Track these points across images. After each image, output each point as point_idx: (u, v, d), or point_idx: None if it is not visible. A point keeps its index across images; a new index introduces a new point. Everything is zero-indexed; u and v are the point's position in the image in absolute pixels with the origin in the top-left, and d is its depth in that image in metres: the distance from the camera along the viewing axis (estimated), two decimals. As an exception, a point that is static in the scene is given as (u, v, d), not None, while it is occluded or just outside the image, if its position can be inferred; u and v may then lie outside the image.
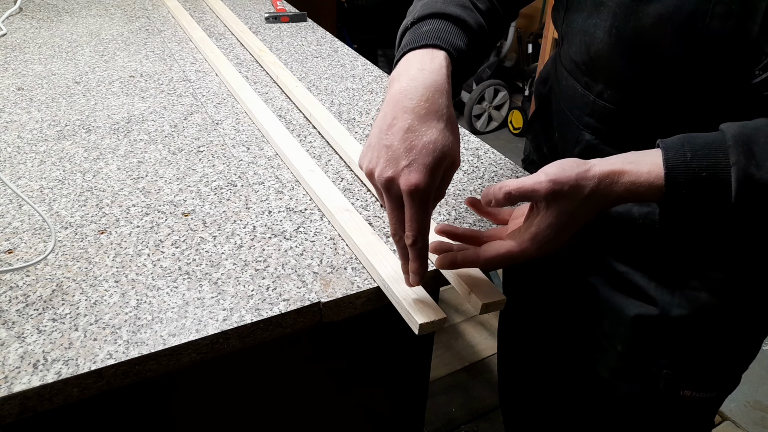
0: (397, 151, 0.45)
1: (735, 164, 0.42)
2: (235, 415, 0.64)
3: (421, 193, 0.45)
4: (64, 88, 0.93)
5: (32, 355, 0.46)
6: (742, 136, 0.43)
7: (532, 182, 0.45)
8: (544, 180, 0.45)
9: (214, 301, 0.52)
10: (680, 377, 0.63)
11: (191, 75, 1.00)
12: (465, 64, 0.53)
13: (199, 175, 0.72)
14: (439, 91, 0.47)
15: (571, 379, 0.77)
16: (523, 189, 0.45)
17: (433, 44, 0.50)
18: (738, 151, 0.42)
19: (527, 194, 0.46)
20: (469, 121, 2.94)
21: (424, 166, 0.45)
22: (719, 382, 0.66)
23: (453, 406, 1.45)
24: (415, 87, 0.47)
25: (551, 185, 0.44)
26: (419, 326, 0.49)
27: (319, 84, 0.99)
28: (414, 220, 0.46)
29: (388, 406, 0.78)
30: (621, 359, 0.65)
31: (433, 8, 0.54)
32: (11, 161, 0.73)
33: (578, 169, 0.45)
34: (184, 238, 0.61)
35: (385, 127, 0.46)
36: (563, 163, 0.46)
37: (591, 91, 0.61)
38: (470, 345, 1.65)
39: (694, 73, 0.52)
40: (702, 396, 0.65)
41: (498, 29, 0.62)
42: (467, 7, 0.55)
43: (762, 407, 1.45)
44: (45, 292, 0.53)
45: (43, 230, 0.61)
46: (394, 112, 0.46)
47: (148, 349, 0.47)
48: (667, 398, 0.64)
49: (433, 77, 0.47)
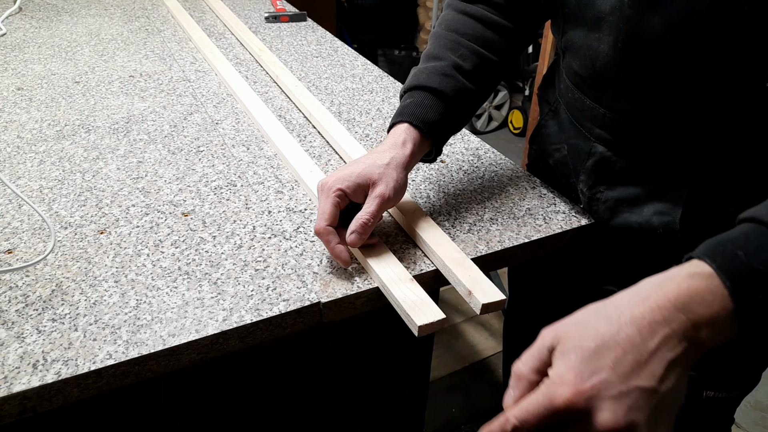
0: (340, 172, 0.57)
1: None
2: (234, 415, 0.64)
3: (337, 191, 0.55)
4: (63, 87, 0.93)
5: (32, 355, 0.46)
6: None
7: (549, 396, 0.36)
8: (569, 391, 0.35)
9: (213, 302, 0.52)
10: (702, 378, 0.63)
11: (191, 75, 1.00)
12: (441, 129, 0.63)
13: (199, 175, 0.72)
14: (392, 166, 0.58)
15: None
16: (540, 414, 0.36)
17: (407, 120, 0.61)
18: None
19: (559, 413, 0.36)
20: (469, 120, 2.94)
21: (343, 180, 0.56)
22: (740, 382, 0.66)
23: (453, 407, 1.45)
24: (375, 162, 0.58)
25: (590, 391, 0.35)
26: (418, 328, 0.49)
27: (318, 84, 0.99)
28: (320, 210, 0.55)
29: (389, 407, 0.78)
30: None
31: (417, 80, 0.64)
32: (11, 161, 0.73)
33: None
34: (184, 238, 0.61)
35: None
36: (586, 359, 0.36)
37: (600, 104, 0.60)
38: (471, 345, 1.65)
39: (704, 77, 0.51)
40: (724, 396, 0.65)
41: (502, 66, 0.67)
42: (448, 75, 0.63)
43: (762, 407, 1.45)
44: (44, 292, 0.53)
45: (42, 230, 0.61)
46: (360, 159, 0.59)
47: (148, 350, 0.47)
48: (690, 399, 0.64)
49: (392, 154, 0.58)
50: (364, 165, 0.57)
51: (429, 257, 0.59)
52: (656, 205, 0.60)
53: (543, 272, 0.82)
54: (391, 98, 0.94)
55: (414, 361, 0.75)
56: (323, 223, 0.54)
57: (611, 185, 0.63)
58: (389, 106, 0.92)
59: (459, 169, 0.75)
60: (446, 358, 1.60)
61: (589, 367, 0.36)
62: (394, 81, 1.01)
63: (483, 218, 0.65)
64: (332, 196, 0.55)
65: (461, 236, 0.62)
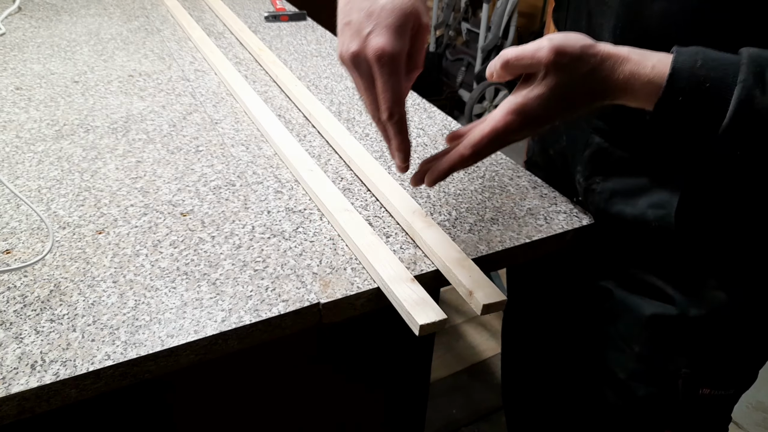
0: (357, 23, 0.44)
1: (742, 82, 0.40)
2: (233, 417, 0.64)
3: (389, 56, 0.43)
4: (62, 87, 0.93)
5: (30, 355, 0.46)
6: (759, 59, 0.41)
7: (533, 48, 0.43)
8: (547, 47, 0.42)
9: (212, 302, 0.52)
10: (699, 376, 0.63)
11: (190, 74, 1.00)
12: None
13: (198, 175, 0.71)
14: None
15: (583, 382, 0.77)
16: (523, 56, 0.43)
17: None
18: (749, 70, 0.41)
19: (526, 61, 0.43)
20: (470, 120, 2.94)
21: (386, 28, 0.43)
22: (738, 379, 0.65)
23: (454, 408, 1.45)
24: None
25: (554, 54, 0.42)
26: (419, 327, 0.49)
27: (318, 83, 0.99)
28: (386, 90, 0.44)
29: (389, 408, 0.78)
30: (639, 360, 0.65)
31: None
32: (9, 161, 0.73)
33: (583, 42, 0.43)
34: (183, 238, 0.60)
35: (345, 9, 0.45)
36: (568, 34, 0.43)
37: None
38: (471, 346, 1.65)
39: None
40: (721, 394, 0.65)
41: None
42: None
43: (763, 408, 1.45)
44: (43, 292, 0.52)
45: (40, 230, 0.61)
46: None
47: (147, 350, 0.47)
48: (686, 397, 0.64)
49: None
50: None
51: (429, 257, 0.58)
52: (652, 198, 0.60)
53: (542, 272, 0.82)
54: (391, 98, 0.94)
55: (414, 362, 0.75)
56: (399, 107, 0.45)
57: (607, 176, 0.63)
58: (389, 105, 0.92)
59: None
60: (447, 358, 1.60)
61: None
62: (394, 80, 1.01)
63: (484, 218, 0.65)
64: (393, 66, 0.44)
65: (462, 236, 0.62)
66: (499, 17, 2.71)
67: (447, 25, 3.13)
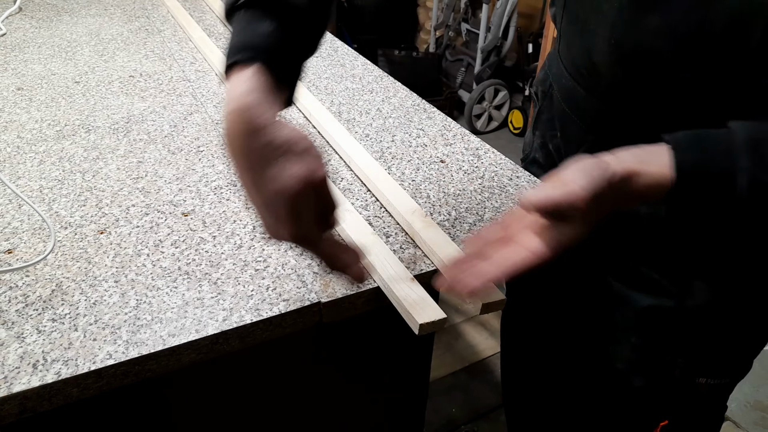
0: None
1: (746, 170, 0.41)
2: (234, 416, 0.64)
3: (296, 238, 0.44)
4: (63, 87, 0.93)
5: (32, 355, 0.46)
6: (754, 142, 0.41)
7: (568, 196, 0.41)
8: (581, 194, 0.41)
9: (213, 302, 0.52)
10: (695, 366, 0.64)
11: (191, 75, 1.00)
12: (287, 58, 0.45)
13: (199, 175, 0.72)
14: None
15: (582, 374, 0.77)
16: (559, 204, 0.42)
17: (240, 61, 0.44)
18: (748, 157, 0.41)
19: (564, 208, 0.42)
20: (470, 120, 2.94)
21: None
22: (733, 369, 0.67)
23: (453, 407, 1.45)
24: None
25: (592, 201, 0.41)
26: (419, 326, 0.49)
27: (318, 83, 0.99)
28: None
29: (389, 407, 0.78)
30: (636, 351, 0.66)
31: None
32: (11, 161, 0.73)
33: (605, 174, 0.42)
34: (184, 238, 0.60)
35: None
36: (587, 169, 0.42)
37: (594, 95, 0.61)
38: (470, 345, 1.65)
39: (696, 79, 0.51)
40: (716, 382, 0.66)
41: None
42: None
43: (762, 407, 1.45)
44: (44, 292, 0.53)
45: (42, 230, 0.61)
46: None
47: (148, 350, 0.47)
48: (683, 387, 0.65)
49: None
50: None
51: (429, 257, 0.59)
52: None
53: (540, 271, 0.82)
54: (391, 98, 0.94)
55: (414, 361, 0.75)
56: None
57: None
58: (389, 106, 0.92)
59: (459, 169, 0.75)
60: (446, 358, 1.60)
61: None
62: (394, 81, 1.01)
63: (483, 218, 0.65)
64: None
65: (462, 236, 0.62)
66: (498, 18, 2.71)
67: (447, 25, 3.14)
